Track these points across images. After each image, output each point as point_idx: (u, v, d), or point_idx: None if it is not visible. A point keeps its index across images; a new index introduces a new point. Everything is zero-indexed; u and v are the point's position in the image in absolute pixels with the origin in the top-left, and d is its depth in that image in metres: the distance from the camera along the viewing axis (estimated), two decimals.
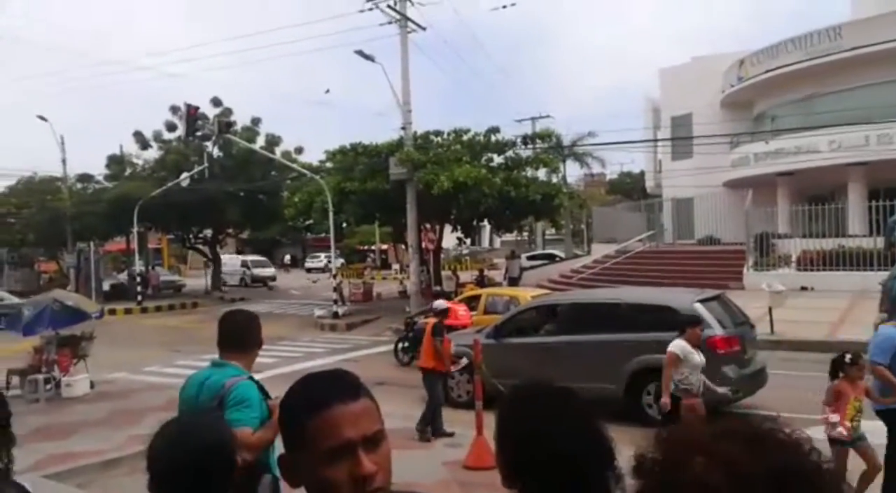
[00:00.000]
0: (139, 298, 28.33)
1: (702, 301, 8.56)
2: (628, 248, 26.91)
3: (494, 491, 1.44)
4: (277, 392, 1.85)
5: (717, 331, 8.15)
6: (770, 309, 13.56)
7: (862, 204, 21.86)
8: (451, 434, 8.10)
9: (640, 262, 24.98)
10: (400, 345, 14.26)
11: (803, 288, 18.88)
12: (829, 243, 19.80)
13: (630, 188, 54.12)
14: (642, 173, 44.04)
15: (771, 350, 12.88)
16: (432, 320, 8.73)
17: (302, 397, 1.19)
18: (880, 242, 17.32)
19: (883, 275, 11.37)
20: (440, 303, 9.17)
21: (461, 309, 13.91)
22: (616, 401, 8.31)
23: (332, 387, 1.18)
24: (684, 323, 6.68)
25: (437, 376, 8.42)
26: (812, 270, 19.62)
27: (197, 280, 37.38)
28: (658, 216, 28.95)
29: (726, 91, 29.79)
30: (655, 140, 33.65)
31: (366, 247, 54.49)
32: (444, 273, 27.01)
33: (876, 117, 22.05)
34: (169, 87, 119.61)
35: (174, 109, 31.76)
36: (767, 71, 26.73)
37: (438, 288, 22.73)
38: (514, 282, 24.46)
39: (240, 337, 3.09)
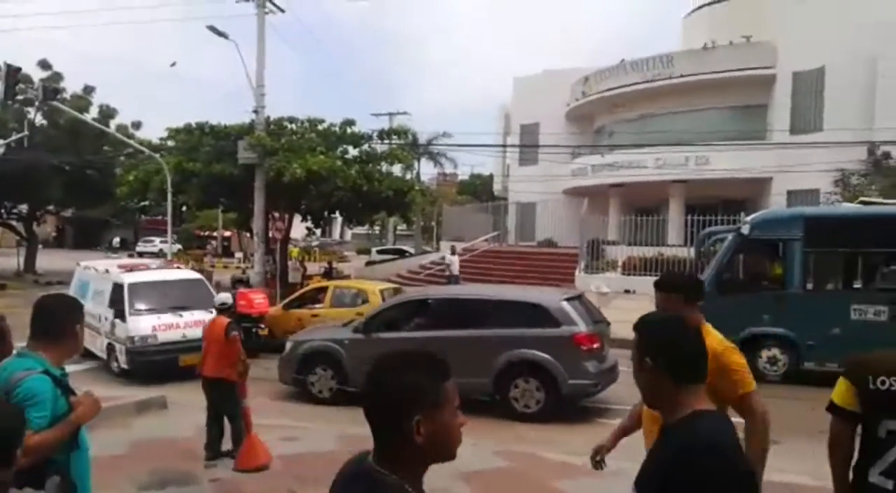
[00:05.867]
0: None
1: (567, 300, 8.83)
2: (474, 246, 27.84)
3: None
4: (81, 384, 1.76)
5: (582, 328, 8.37)
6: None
7: (680, 218, 24.28)
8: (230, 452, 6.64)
9: (484, 260, 25.96)
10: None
11: (626, 291, 20.58)
12: (650, 251, 21.79)
13: (479, 190, 55.94)
14: (491, 176, 45.75)
15: None
16: (221, 319, 6.90)
17: (433, 366, 1.51)
18: (693, 251, 19.34)
19: None
20: (224, 297, 7.38)
21: (258, 297, 13.54)
22: (487, 395, 8.49)
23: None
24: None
25: (232, 388, 6.64)
26: (635, 274, 21.46)
27: (7, 260, 33.48)
28: (503, 218, 30.22)
29: (571, 104, 31.68)
30: (504, 145, 35.07)
31: (207, 233, 51.76)
32: (291, 263, 26.32)
33: (696, 140, 24.54)
34: None
35: None
36: (608, 89, 28.81)
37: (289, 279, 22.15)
38: (456, 280, 23.21)
39: (49, 325, 2.80)
